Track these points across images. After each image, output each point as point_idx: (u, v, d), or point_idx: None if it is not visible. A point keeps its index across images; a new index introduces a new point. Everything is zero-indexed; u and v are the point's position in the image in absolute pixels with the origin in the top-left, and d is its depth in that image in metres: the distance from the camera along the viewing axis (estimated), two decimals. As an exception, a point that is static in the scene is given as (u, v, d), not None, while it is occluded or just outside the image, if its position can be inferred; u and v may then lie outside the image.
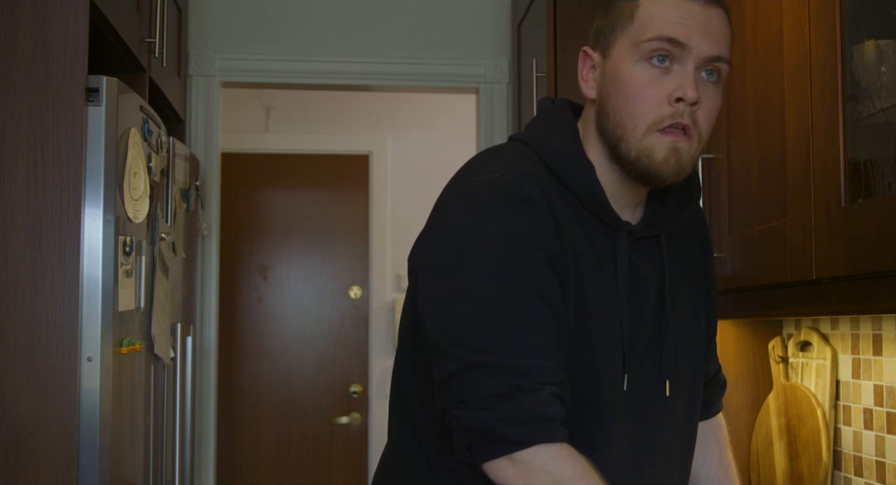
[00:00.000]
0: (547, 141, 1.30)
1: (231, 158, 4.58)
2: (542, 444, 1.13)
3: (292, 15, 3.43)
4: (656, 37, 1.25)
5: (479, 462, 1.16)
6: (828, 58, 1.51)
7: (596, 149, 1.32)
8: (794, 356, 2.36)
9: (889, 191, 1.37)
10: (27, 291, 1.93)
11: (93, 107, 1.99)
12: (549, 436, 1.14)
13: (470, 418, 1.14)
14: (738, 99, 1.93)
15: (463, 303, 1.17)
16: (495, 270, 1.16)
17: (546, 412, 1.14)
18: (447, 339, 1.17)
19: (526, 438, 1.12)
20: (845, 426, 2.15)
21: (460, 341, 1.16)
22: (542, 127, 1.34)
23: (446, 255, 1.19)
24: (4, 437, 1.90)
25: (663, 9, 1.26)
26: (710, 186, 2.05)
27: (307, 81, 3.48)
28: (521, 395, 1.13)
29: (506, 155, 1.28)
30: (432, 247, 1.22)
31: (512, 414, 1.12)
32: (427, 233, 1.26)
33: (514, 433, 1.12)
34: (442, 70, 3.44)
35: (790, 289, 1.71)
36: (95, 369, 1.94)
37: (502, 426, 1.12)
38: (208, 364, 3.31)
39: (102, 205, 1.98)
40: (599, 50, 1.33)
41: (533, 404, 1.13)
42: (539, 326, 1.18)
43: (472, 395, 1.14)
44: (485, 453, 1.14)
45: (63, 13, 1.97)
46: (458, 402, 1.15)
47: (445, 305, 1.18)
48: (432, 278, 1.21)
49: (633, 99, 1.26)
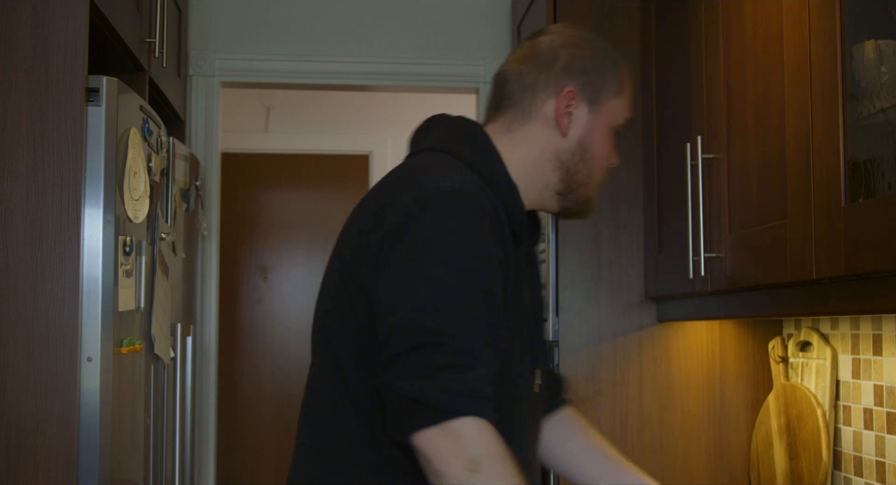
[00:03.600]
0: (484, 162, 1.41)
1: (231, 158, 4.58)
2: (473, 417, 1.19)
3: (292, 15, 3.43)
4: (629, 117, 1.53)
5: (411, 432, 1.20)
6: (828, 58, 1.51)
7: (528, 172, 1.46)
8: (794, 356, 2.36)
9: (889, 191, 1.37)
10: (27, 291, 1.93)
11: (93, 107, 1.99)
12: (480, 412, 1.20)
13: (409, 386, 1.20)
14: (738, 99, 1.93)
15: (423, 290, 1.24)
16: (455, 267, 1.25)
17: (481, 390, 1.21)
18: (402, 320, 1.24)
19: (460, 408, 1.19)
20: (845, 426, 2.15)
21: (414, 322, 1.23)
22: (472, 147, 1.43)
23: (411, 249, 1.27)
24: (4, 437, 1.90)
25: (632, 91, 1.53)
26: (710, 185, 2.05)
27: (307, 81, 3.48)
28: (461, 370, 1.21)
29: (456, 168, 1.37)
30: (396, 241, 1.28)
31: (451, 385, 1.19)
32: (384, 230, 1.30)
33: (450, 403, 1.19)
34: (442, 70, 3.44)
35: (790, 289, 1.71)
36: (95, 369, 1.94)
37: (441, 395, 1.19)
38: (208, 364, 3.31)
39: (102, 205, 1.98)
40: (586, 100, 1.47)
41: (471, 379, 1.21)
42: (485, 321, 1.26)
43: (416, 367, 1.21)
44: (418, 423, 1.19)
45: (63, 13, 1.97)
46: (400, 375, 1.21)
47: (406, 291, 1.25)
48: (395, 268, 1.27)
49: (604, 161, 1.51)
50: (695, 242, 2.08)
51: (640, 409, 2.57)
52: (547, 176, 1.47)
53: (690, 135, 2.16)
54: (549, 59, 1.46)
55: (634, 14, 2.65)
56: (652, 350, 2.59)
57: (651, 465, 2.56)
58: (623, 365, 2.58)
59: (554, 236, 2.62)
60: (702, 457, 2.57)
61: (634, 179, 2.61)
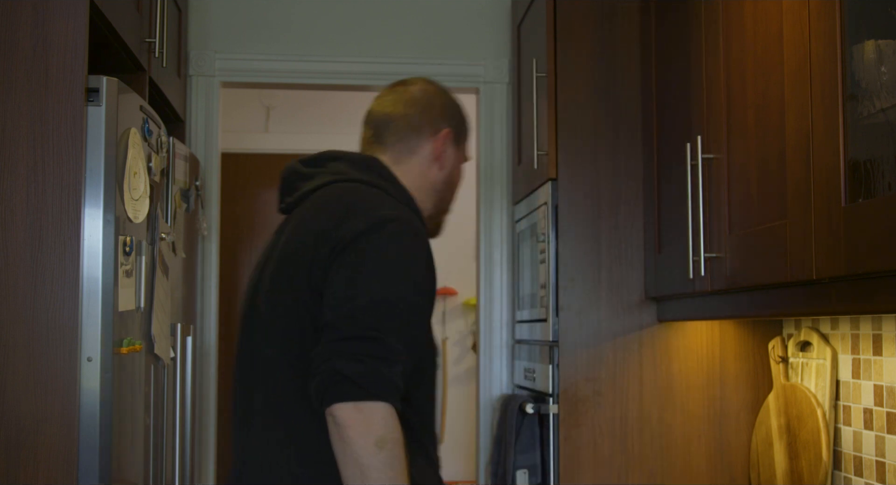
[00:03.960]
0: (405, 195, 1.71)
1: (231, 158, 4.58)
2: (385, 403, 1.45)
3: (292, 15, 3.42)
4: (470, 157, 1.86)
5: (331, 403, 1.44)
6: (828, 58, 1.51)
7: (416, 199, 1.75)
8: (794, 356, 2.36)
9: (889, 191, 1.37)
10: (27, 291, 1.93)
11: (93, 107, 1.98)
12: (391, 399, 1.46)
13: (343, 365, 1.44)
14: (738, 99, 1.93)
15: (374, 293, 1.50)
16: (407, 280, 1.54)
17: (397, 383, 1.47)
18: (349, 313, 1.49)
19: (378, 393, 1.44)
20: (845, 426, 2.15)
21: (358, 317, 1.48)
22: (390, 182, 1.70)
23: (374, 264, 1.53)
24: (4, 437, 1.90)
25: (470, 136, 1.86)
26: (710, 185, 2.05)
27: (307, 81, 3.47)
28: (387, 363, 1.47)
29: (394, 199, 1.66)
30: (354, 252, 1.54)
31: (376, 372, 1.45)
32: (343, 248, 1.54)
33: (372, 386, 1.44)
34: (442, 70, 3.44)
35: (790, 289, 1.71)
36: (95, 369, 1.94)
37: (367, 378, 1.44)
38: (208, 364, 3.31)
39: (102, 205, 1.98)
40: (453, 140, 1.78)
41: (393, 372, 1.47)
42: (419, 328, 1.58)
43: (352, 351, 1.46)
44: (340, 395, 1.44)
45: (63, 13, 1.97)
46: (339, 354, 1.46)
47: (353, 292, 1.50)
48: (358, 274, 1.52)
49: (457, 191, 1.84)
50: (695, 242, 2.08)
51: (640, 409, 2.57)
52: (425, 202, 1.76)
53: (690, 135, 2.16)
54: (428, 105, 1.76)
55: (634, 14, 2.65)
56: (652, 350, 2.59)
57: (651, 465, 2.56)
58: (623, 365, 2.58)
59: (554, 236, 2.62)
60: (702, 457, 2.57)
61: (634, 179, 2.61)
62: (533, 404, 2.67)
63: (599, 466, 2.55)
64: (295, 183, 1.77)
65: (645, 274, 2.59)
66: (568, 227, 2.61)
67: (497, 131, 3.44)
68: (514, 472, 2.73)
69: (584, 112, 2.64)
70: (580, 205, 2.62)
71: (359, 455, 1.43)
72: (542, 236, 2.72)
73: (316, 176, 1.74)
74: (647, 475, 2.55)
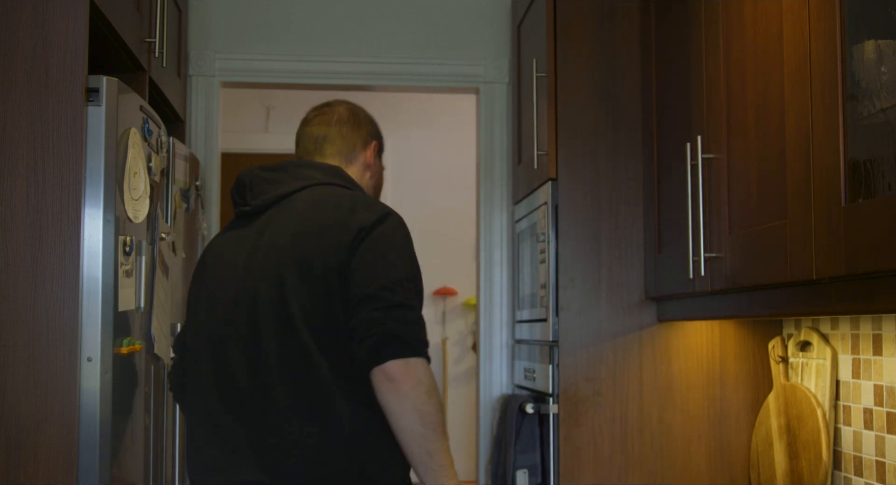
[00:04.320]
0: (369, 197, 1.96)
1: (231, 158, 4.58)
2: (425, 360, 1.73)
3: (292, 15, 3.42)
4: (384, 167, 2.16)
5: (384, 360, 1.68)
6: (828, 58, 1.51)
7: None
8: (794, 356, 2.36)
9: (889, 191, 1.37)
10: (27, 291, 1.93)
11: (93, 107, 1.98)
12: (428, 357, 1.74)
13: (396, 327, 1.70)
14: (738, 99, 1.93)
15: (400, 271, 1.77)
16: (414, 261, 1.82)
17: (428, 343, 1.76)
18: (389, 287, 1.73)
19: (421, 350, 1.72)
20: (845, 426, 2.15)
21: (399, 290, 1.75)
22: (357, 187, 1.96)
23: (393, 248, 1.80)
24: (4, 437, 1.90)
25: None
26: (710, 185, 2.05)
27: (307, 81, 3.47)
28: (422, 326, 1.75)
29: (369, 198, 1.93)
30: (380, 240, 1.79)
31: (419, 334, 1.73)
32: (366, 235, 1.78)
33: (418, 344, 1.72)
34: (442, 70, 3.44)
35: (790, 289, 1.71)
36: (95, 369, 1.94)
37: (413, 337, 1.71)
38: (208, 364, 3.30)
39: (102, 205, 1.98)
40: (377, 151, 2.08)
41: (425, 335, 1.75)
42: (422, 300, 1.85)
43: (400, 316, 1.72)
44: (393, 353, 1.69)
45: (63, 13, 1.97)
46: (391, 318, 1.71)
47: (390, 270, 1.76)
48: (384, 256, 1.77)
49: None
50: (695, 242, 2.08)
51: (640, 409, 2.57)
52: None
53: (690, 135, 2.16)
54: (357, 122, 2.06)
55: (634, 14, 2.65)
56: (652, 350, 2.59)
57: (651, 465, 2.56)
58: (623, 365, 2.58)
59: (554, 236, 2.62)
60: (702, 457, 2.57)
61: (634, 179, 2.62)
62: (533, 404, 2.67)
63: (599, 466, 2.55)
64: (261, 187, 1.90)
65: (645, 274, 2.59)
66: (568, 227, 2.61)
67: (497, 131, 3.44)
68: (514, 472, 2.73)
69: (584, 112, 2.64)
70: (580, 205, 2.62)
71: (416, 403, 1.69)
72: (542, 236, 2.72)
73: (282, 181, 1.91)
74: (647, 475, 2.55)
